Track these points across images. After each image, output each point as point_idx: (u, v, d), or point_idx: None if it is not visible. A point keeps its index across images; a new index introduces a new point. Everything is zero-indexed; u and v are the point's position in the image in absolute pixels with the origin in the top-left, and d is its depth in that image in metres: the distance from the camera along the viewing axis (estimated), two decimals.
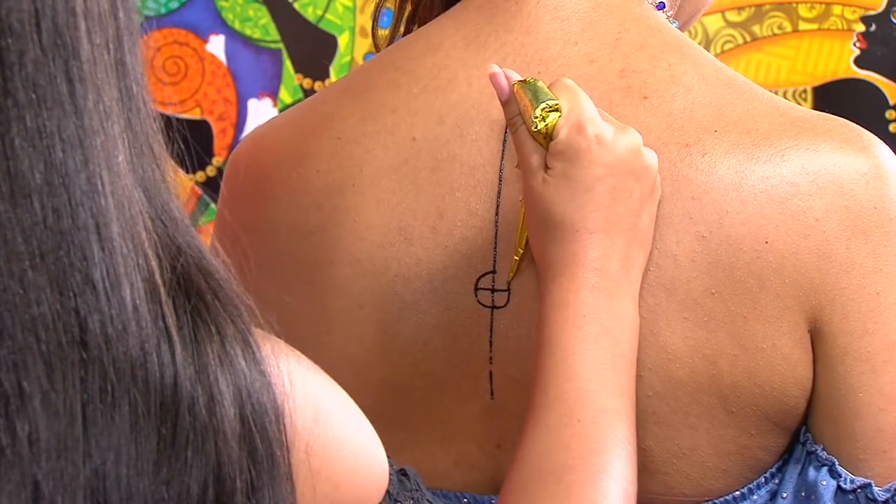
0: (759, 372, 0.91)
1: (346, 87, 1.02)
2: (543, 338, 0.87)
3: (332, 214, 0.97)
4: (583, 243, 0.88)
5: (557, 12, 0.97)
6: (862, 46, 2.18)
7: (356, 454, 0.71)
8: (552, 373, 0.86)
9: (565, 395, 0.85)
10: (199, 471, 0.63)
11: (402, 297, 0.95)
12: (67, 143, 0.61)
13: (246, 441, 0.64)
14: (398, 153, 0.96)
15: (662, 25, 0.98)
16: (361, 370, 0.96)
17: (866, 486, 0.91)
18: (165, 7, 2.29)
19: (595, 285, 0.87)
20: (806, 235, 0.91)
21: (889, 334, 0.92)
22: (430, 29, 1.00)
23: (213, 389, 0.63)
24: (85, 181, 0.61)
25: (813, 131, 0.94)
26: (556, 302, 0.87)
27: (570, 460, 0.84)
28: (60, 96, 0.61)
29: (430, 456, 0.97)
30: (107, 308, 0.61)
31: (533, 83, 0.89)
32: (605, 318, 0.87)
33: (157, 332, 0.62)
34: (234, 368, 0.65)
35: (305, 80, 2.29)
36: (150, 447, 0.62)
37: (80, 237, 0.61)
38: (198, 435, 0.63)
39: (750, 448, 0.94)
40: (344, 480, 0.70)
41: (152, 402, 0.62)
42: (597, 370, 0.86)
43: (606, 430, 0.85)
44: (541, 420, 0.85)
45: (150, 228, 0.64)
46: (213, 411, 0.63)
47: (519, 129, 0.89)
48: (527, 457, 0.85)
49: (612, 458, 0.84)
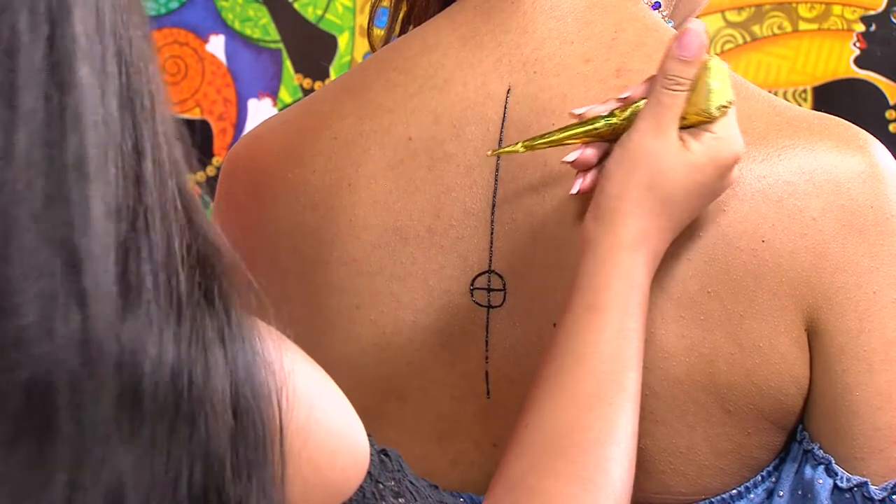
0: (756, 370, 0.91)
1: (342, 87, 1.02)
2: (596, 305, 0.85)
3: (329, 214, 0.97)
4: (664, 234, 0.87)
5: (553, 12, 0.97)
6: (862, 46, 2.18)
7: (337, 436, 0.71)
8: (597, 349, 0.85)
9: (603, 376, 0.84)
10: (191, 449, 0.63)
11: (398, 296, 0.95)
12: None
13: (239, 422, 0.65)
14: (394, 153, 0.96)
15: (658, 25, 0.98)
16: (358, 370, 0.96)
17: (863, 485, 0.91)
18: (165, 7, 2.29)
19: (649, 272, 0.87)
20: (803, 234, 0.91)
21: (885, 333, 0.92)
22: (427, 29, 1.00)
23: (212, 369, 0.64)
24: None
25: (809, 130, 0.94)
26: (624, 276, 0.86)
27: (586, 442, 0.83)
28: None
29: (428, 455, 0.97)
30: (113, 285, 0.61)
31: (727, 71, 0.88)
32: (646, 304, 0.87)
33: (166, 309, 0.63)
34: (237, 348, 0.65)
35: (305, 80, 2.29)
36: (148, 429, 0.62)
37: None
38: (193, 414, 0.63)
39: (747, 447, 0.94)
40: (325, 463, 0.70)
41: (151, 383, 0.62)
42: (637, 358, 0.86)
43: (629, 418, 0.84)
44: (566, 391, 0.84)
45: (177, 202, 0.65)
46: (210, 391, 0.64)
47: (679, 93, 0.87)
48: (544, 425, 0.84)
49: (624, 449, 0.83)
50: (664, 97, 0.88)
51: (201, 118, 2.29)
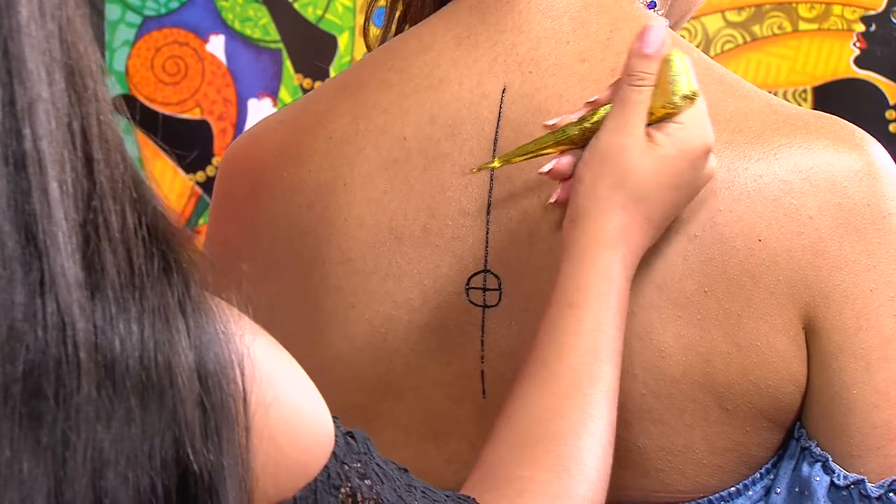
0: (753, 369, 0.91)
1: (338, 87, 1.02)
2: (577, 299, 0.87)
3: (324, 213, 0.97)
4: (642, 229, 0.88)
5: (549, 12, 0.97)
6: (862, 46, 2.18)
7: (299, 415, 0.71)
8: (572, 342, 0.86)
9: (581, 368, 0.86)
10: (163, 421, 0.64)
11: (393, 296, 0.95)
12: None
13: (204, 395, 0.65)
14: (389, 152, 0.96)
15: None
16: (354, 369, 0.96)
17: (860, 482, 0.91)
18: (165, 7, 2.30)
19: (628, 266, 0.88)
20: (799, 233, 0.91)
21: (882, 331, 0.92)
22: (422, 28, 1.00)
23: (176, 343, 0.64)
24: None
25: (805, 129, 0.94)
26: (600, 272, 0.87)
27: (563, 430, 0.84)
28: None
29: (423, 454, 0.97)
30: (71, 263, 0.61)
31: (687, 60, 0.89)
32: (624, 302, 0.88)
33: (129, 285, 0.63)
34: (199, 319, 0.65)
35: (305, 80, 2.29)
36: (123, 405, 0.63)
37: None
38: (161, 386, 0.64)
39: (745, 445, 0.94)
40: (286, 441, 0.70)
41: (122, 361, 0.63)
42: (614, 350, 0.87)
43: (606, 408, 0.86)
44: (546, 384, 0.86)
45: (124, 177, 0.65)
46: (176, 363, 0.64)
47: (644, 88, 0.88)
48: (522, 415, 0.85)
49: (599, 436, 0.85)
50: (629, 94, 0.88)
51: (201, 118, 2.29)
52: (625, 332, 0.90)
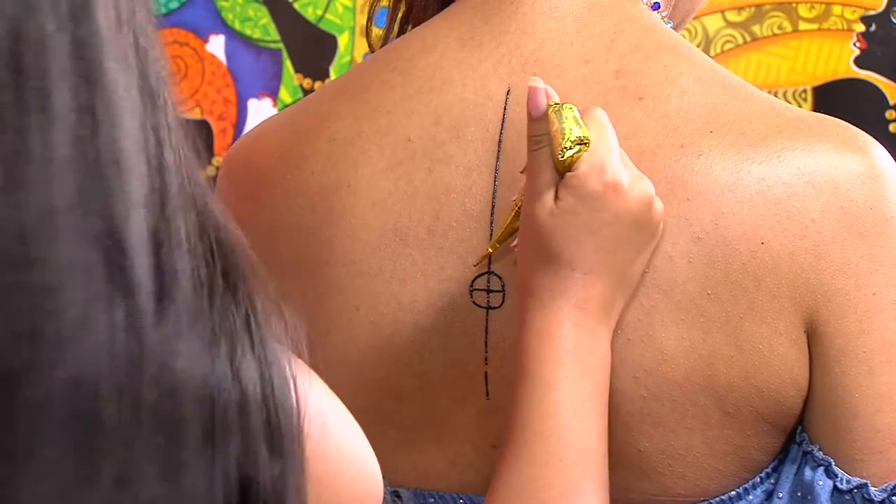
0: (755, 373, 0.91)
1: (340, 88, 1.02)
2: (525, 369, 0.88)
3: (328, 215, 0.97)
4: (574, 281, 0.88)
5: (552, 13, 0.97)
6: (862, 46, 2.18)
7: (356, 465, 0.71)
8: (534, 407, 0.87)
9: (548, 432, 0.86)
10: (224, 465, 0.63)
11: (397, 298, 0.95)
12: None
13: (271, 437, 0.64)
14: (393, 154, 0.96)
15: (657, 26, 0.98)
16: (358, 371, 0.96)
17: (863, 487, 0.91)
18: (165, 7, 2.29)
19: (579, 322, 0.88)
20: (802, 236, 0.91)
21: (885, 335, 0.92)
22: (425, 29, 1.00)
23: (245, 384, 0.63)
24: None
25: (808, 132, 0.94)
26: (540, 333, 0.88)
27: (551, 499, 0.85)
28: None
29: (427, 457, 0.97)
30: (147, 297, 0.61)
31: (569, 110, 0.88)
32: (587, 356, 0.88)
33: (197, 298, 0.63)
34: (265, 343, 0.65)
35: (305, 80, 2.29)
36: (181, 442, 0.62)
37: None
38: (227, 429, 0.63)
39: (746, 448, 0.94)
40: (345, 489, 0.70)
41: (185, 396, 0.62)
42: (578, 408, 0.87)
43: (587, 471, 0.86)
44: (522, 454, 0.87)
45: (193, 189, 0.65)
46: (243, 405, 0.63)
47: (541, 150, 0.88)
48: (506, 489, 0.86)
49: (592, 501, 0.86)
50: (531, 159, 0.89)
51: (201, 118, 2.29)
52: (627, 336, 0.90)
